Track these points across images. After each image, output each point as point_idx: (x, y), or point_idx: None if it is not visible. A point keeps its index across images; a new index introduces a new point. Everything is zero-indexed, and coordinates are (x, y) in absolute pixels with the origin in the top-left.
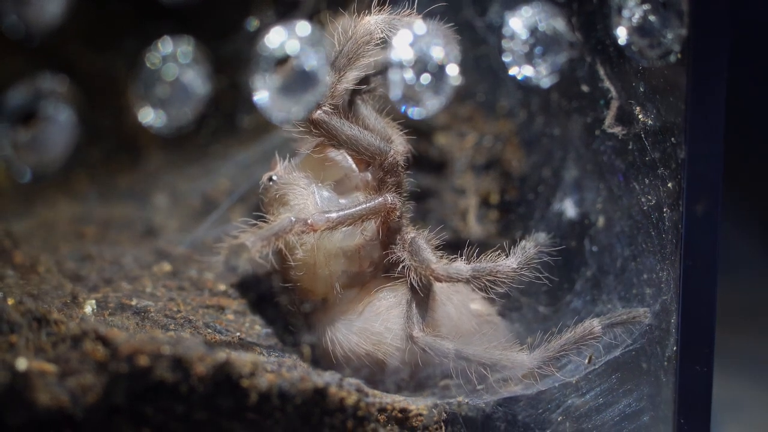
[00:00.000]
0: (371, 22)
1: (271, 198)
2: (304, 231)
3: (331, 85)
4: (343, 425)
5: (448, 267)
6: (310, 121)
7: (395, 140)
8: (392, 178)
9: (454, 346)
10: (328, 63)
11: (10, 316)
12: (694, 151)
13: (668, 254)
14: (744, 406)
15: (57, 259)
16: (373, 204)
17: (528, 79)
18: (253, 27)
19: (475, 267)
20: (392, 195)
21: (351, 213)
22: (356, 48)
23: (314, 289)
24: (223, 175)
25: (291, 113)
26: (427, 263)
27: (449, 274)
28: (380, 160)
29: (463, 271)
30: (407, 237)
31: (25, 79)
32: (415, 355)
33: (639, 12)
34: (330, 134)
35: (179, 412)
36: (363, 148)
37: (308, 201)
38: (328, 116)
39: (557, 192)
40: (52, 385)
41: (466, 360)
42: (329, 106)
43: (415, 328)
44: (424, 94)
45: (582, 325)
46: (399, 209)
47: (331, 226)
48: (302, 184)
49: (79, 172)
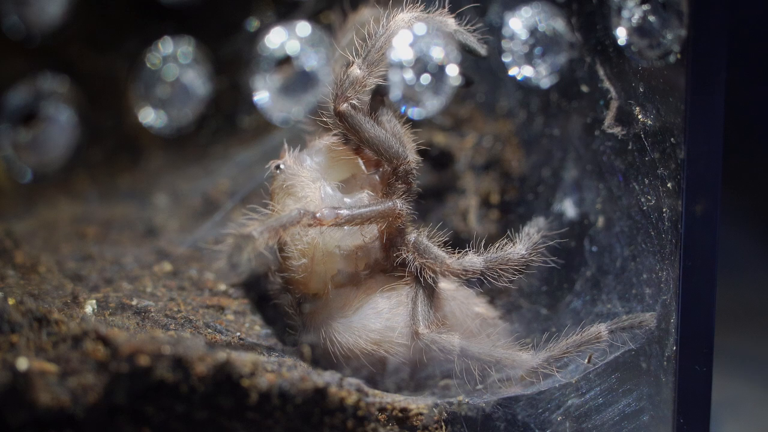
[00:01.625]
0: (406, 18)
1: (277, 186)
2: (311, 224)
3: (361, 79)
4: (343, 425)
5: (462, 261)
6: (336, 112)
7: (409, 148)
8: (403, 184)
9: (459, 342)
10: (359, 56)
11: (11, 315)
12: (693, 152)
13: (668, 254)
14: (743, 405)
15: (58, 259)
16: (383, 208)
17: (528, 80)
18: (254, 27)
19: (487, 258)
20: (401, 201)
21: (360, 213)
22: (390, 44)
23: (308, 283)
24: (223, 175)
25: (291, 114)
26: (441, 259)
27: (464, 267)
28: (395, 165)
29: (476, 263)
30: (410, 239)
31: (26, 80)
32: (416, 354)
33: (638, 12)
34: (353, 129)
35: (180, 411)
36: (383, 150)
37: (314, 194)
38: (354, 110)
39: (557, 192)
40: (53, 384)
41: (470, 357)
42: (357, 100)
43: (420, 324)
44: (424, 95)
45: (589, 329)
46: (404, 217)
47: (339, 222)
48: (310, 177)
49: (80, 172)
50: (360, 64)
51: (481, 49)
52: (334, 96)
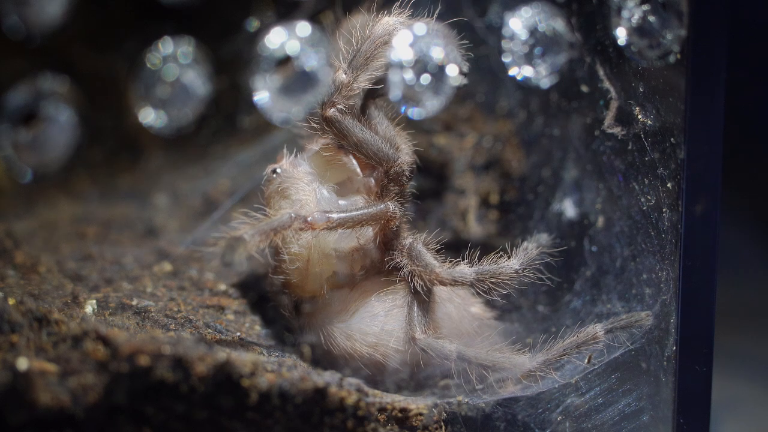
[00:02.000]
0: (390, 22)
1: (273, 190)
2: (303, 228)
3: (347, 84)
4: (343, 425)
5: (452, 271)
6: (323, 118)
7: (402, 149)
8: (395, 186)
9: (456, 347)
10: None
11: (11, 315)
12: (693, 152)
13: (667, 254)
14: (743, 405)
15: (58, 259)
16: (375, 210)
17: (528, 80)
18: (254, 27)
19: (478, 270)
20: (394, 203)
21: (351, 216)
22: (374, 48)
23: (304, 286)
24: (223, 175)
25: (291, 114)
26: (431, 268)
27: (453, 278)
28: (386, 168)
29: (467, 274)
30: (405, 243)
31: (26, 80)
32: (414, 357)
33: (638, 12)
34: (341, 134)
35: (180, 411)
36: (372, 153)
37: (309, 198)
38: (342, 115)
39: (557, 192)
40: (53, 384)
41: (468, 362)
42: (343, 105)
43: (417, 329)
44: (424, 95)
45: (585, 330)
46: (398, 219)
47: (330, 226)
48: (305, 181)
49: (80, 172)
50: (345, 69)
51: (464, 66)
52: (322, 102)
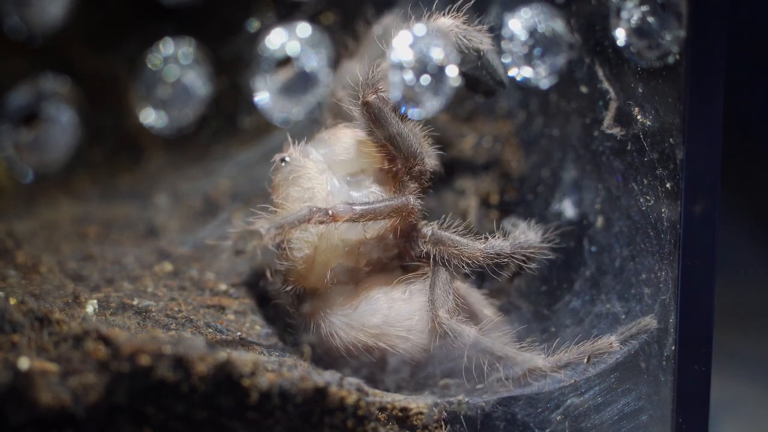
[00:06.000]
0: (447, 23)
1: (282, 179)
2: (324, 221)
3: None
4: (343, 424)
5: (492, 245)
6: (364, 102)
7: (427, 151)
8: (415, 184)
9: (475, 334)
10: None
11: (13, 315)
12: (692, 152)
13: (667, 254)
14: (743, 405)
15: (59, 259)
16: (397, 203)
17: (527, 80)
18: (254, 28)
19: (512, 243)
20: (414, 197)
21: (374, 208)
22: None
23: (308, 276)
24: (223, 175)
25: (291, 114)
26: (471, 246)
27: (495, 251)
28: (411, 164)
29: (505, 247)
30: (426, 231)
31: (27, 81)
32: (417, 349)
33: (637, 13)
34: (378, 122)
35: (180, 411)
36: (405, 147)
37: (320, 186)
38: (384, 103)
39: (556, 192)
40: (54, 384)
41: (483, 350)
42: (386, 95)
43: (440, 309)
44: (424, 95)
45: (601, 340)
46: (417, 213)
47: (354, 218)
48: (316, 168)
49: (81, 172)
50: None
51: (505, 77)
52: (364, 86)
